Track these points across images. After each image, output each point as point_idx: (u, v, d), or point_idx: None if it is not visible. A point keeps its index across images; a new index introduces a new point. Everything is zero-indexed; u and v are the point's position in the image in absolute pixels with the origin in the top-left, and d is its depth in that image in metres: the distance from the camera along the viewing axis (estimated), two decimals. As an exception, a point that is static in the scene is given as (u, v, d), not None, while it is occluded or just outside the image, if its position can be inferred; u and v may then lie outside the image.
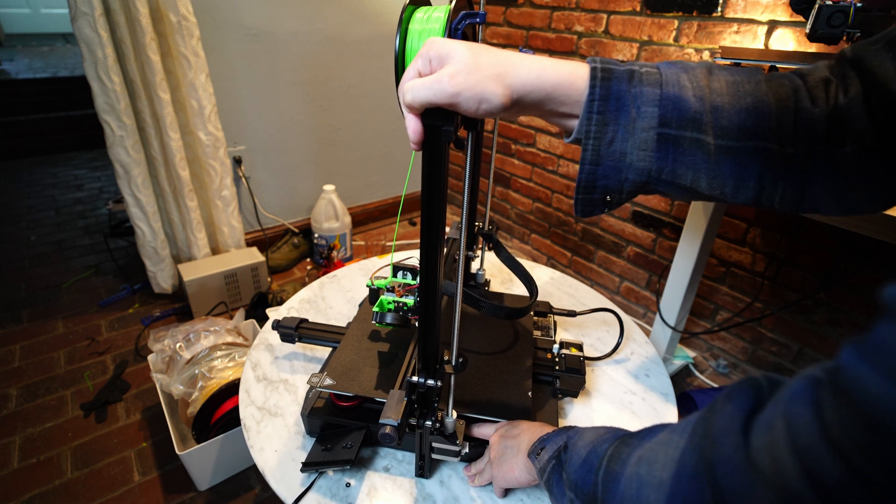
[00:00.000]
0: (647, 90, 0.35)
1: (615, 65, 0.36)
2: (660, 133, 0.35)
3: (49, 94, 3.11)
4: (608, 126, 0.36)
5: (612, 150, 0.36)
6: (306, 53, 1.82)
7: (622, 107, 0.35)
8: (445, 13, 0.46)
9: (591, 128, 0.36)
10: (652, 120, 0.35)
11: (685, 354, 1.51)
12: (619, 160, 0.36)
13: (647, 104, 0.35)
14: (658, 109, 0.35)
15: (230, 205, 1.72)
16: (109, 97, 1.37)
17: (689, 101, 0.35)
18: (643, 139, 0.35)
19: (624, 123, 0.35)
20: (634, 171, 0.36)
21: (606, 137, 0.36)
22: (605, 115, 0.36)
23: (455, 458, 0.55)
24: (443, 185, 0.42)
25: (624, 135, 0.36)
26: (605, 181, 0.37)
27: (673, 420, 0.67)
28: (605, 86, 0.35)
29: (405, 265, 0.65)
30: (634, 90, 0.35)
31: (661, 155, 0.35)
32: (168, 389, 1.11)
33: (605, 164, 0.36)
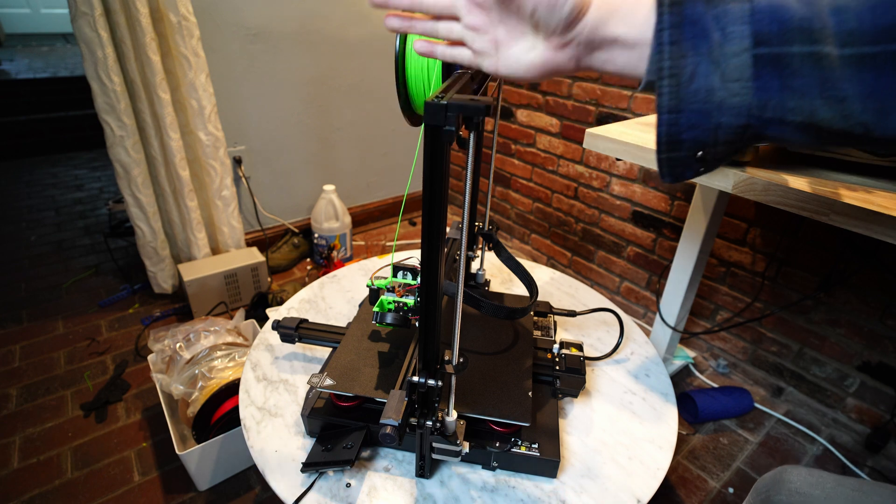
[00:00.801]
0: (732, 6, 0.29)
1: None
2: (756, 55, 0.28)
3: (49, 94, 3.11)
4: (686, 58, 0.29)
5: (695, 88, 0.29)
6: (306, 53, 1.82)
7: (701, 32, 0.29)
8: (446, 13, 0.46)
9: (664, 63, 0.30)
10: (743, 40, 0.28)
11: (685, 354, 1.51)
12: (705, 100, 0.29)
13: (735, 23, 0.28)
14: (750, 26, 0.28)
15: (230, 205, 1.72)
16: (109, 97, 1.37)
17: (790, 7, 0.27)
18: (734, 66, 0.29)
19: (706, 52, 0.29)
20: (729, 112, 0.29)
21: (685, 73, 0.29)
22: (679, 44, 0.29)
23: (455, 458, 0.55)
24: (444, 185, 0.42)
25: (708, 67, 0.29)
26: (693, 131, 0.30)
27: (673, 421, 0.67)
28: (677, 10, 0.29)
29: (405, 265, 0.65)
30: (716, 10, 0.29)
31: (762, 84, 0.28)
32: (168, 389, 1.11)
33: (688, 109, 0.30)
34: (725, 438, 1.28)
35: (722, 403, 1.33)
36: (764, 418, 1.35)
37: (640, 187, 1.59)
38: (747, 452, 1.25)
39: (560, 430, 0.61)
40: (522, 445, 0.57)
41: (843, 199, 0.60)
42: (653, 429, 0.66)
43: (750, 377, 1.48)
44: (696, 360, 1.54)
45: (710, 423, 1.33)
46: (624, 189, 1.64)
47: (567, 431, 0.65)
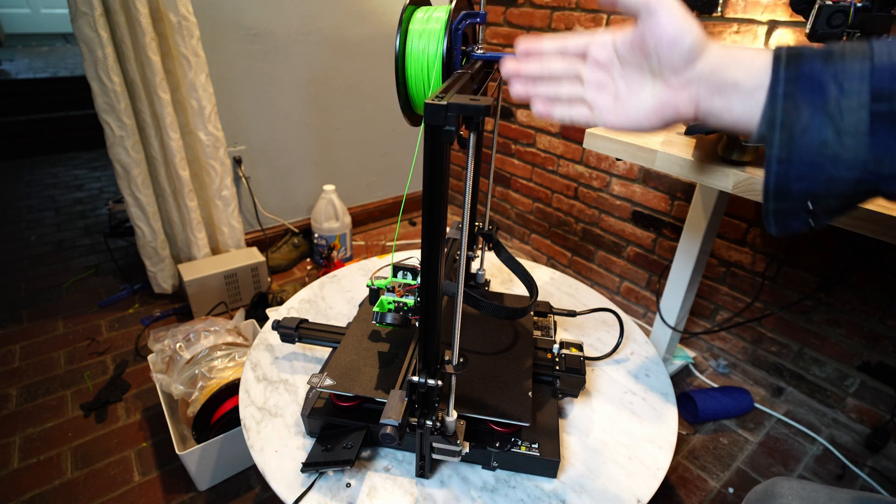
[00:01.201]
0: (851, 65, 0.29)
1: (804, 48, 0.31)
2: (874, 111, 0.28)
3: (49, 94, 3.11)
4: (800, 111, 0.30)
5: (808, 140, 0.30)
6: (306, 53, 1.82)
7: (817, 87, 0.29)
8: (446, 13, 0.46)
9: (777, 114, 0.30)
10: (861, 96, 0.28)
11: (685, 354, 1.51)
12: (818, 153, 0.30)
13: (853, 80, 0.29)
14: (868, 84, 0.28)
15: (230, 205, 1.72)
16: (109, 97, 1.37)
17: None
18: (850, 121, 0.29)
19: (821, 106, 0.29)
20: (842, 166, 0.29)
21: (799, 124, 0.30)
22: (794, 97, 0.30)
23: (455, 458, 0.55)
24: (444, 185, 0.42)
25: (823, 120, 0.29)
26: (803, 182, 0.31)
27: (673, 421, 0.67)
28: (794, 66, 0.30)
29: (405, 265, 0.65)
30: (834, 67, 0.29)
31: (878, 140, 0.28)
32: (168, 389, 1.11)
33: (799, 161, 0.30)
34: (725, 438, 1.28)
35: (722, 403, 1.33)
36: (764, 418, 1.35)
37: (640, 187, 1.59)
38: (747, 452, 1.25)
39: (560, 430, 0.61)
40: (522, 445, 0.57)
41: (843, 199, 0.60)
42: (653, 429, 0.66)
43: (750, 377, 1.48)
44: (696, 360, 1.54)
45: (710, 423, 1.33)
46: (624, 189, 1.64)
47: (567, 431, 0.65)
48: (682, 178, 1.34)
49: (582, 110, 0.41)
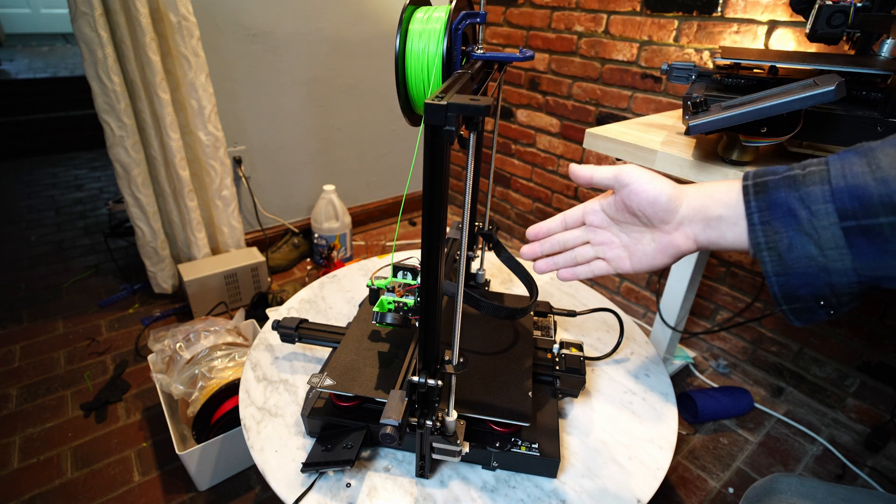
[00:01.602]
0: (812, 189, 0.32)
1: (771, 174, 0.35)
2: (844, 228, 0.31)
3: (49, 94, 3.11)
4: (780, 234, 0.34)
5: (795, 256, 0.33)
6: (306, 53, 1.82)
7: (788, 212, 0.33)
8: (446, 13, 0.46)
9: (760, 239, 0.34)
10: (830, 217, 0.32)
11: (685, 354, 1.51)
12: (808, 266, 0.33)
13: (818, 202, 0.32)
14: (832, 205, 0.32)
15: (230, 205, 1.72)
16: (109, 97, 1.37)
17: (867, 186, 0.31)
18: (828, 238, 0.32)
19: (797, 227, 0.33)
20: (836, 274, 0.32)
21: (782, 245, 0.34)
22: (770, 224, 0.34)
23: (455, 458, 0.55)
24: (444, 185, 0.41)
25: (803, 239, 0.33)
26: (807, 288, 0.34)
27: (673, 421, 0.67)
28: (762, 196, 0.34)
29: (405, 265, 0.65)
30: (798, 192, 0.33)
31: (858, 251, 0.31)
32: (168, 389, 1.11)
33: (795, 273, 0.34)
34: (725, 438, 1.28)
35: (722, 403, 1.33)
36: (764, 418, 1.35)
37: (640, 187, 1.59)
38: (747, 452, 1.25)
39: (560, 430, 0.61)
40: (522, 445, 0.57)
41: (843, 199, 0.60)
42: (653, 429, 0.66)
43: (750, 377, 1.48)
44: (696, 360, 1.54)
45: (710, 423, 1.33)
46: (624, 189, 1.64)
47: (567, 431, 0.65)
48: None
49: (600, 265, 0.47)
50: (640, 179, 0.41)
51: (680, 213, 0.40)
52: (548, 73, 1.77)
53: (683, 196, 0.40)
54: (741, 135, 0.69)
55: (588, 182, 0.45)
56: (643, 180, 0.41)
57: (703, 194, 0.39)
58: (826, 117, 0.65)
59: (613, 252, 0.46)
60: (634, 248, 0.45)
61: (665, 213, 0.41)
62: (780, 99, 0.59)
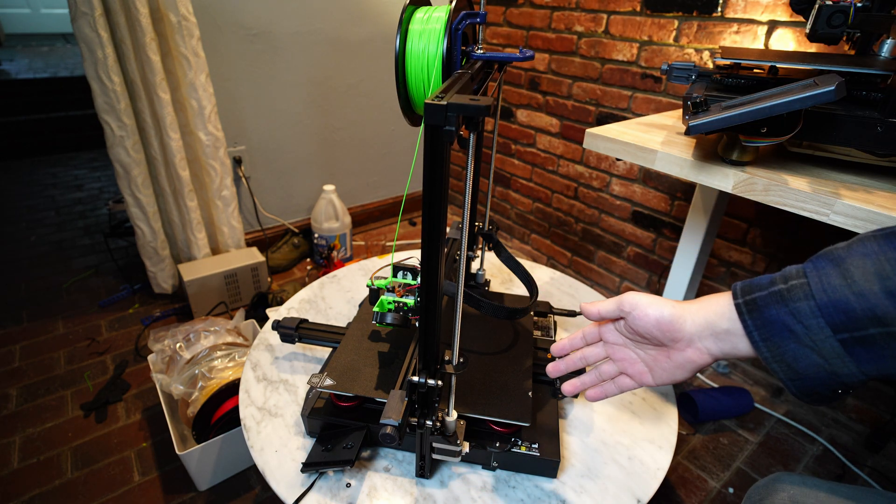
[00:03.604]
0: (800, 306, 0.34)
1: (757, 290, 0.36)
2: (840, 339, 0.33)
3: (49, 94, 3.11)
4: (783, 347, 0.35)
5: (804, 365, 0.35)
6: (306, 53, 1.82)
7: (784, 328, 0.35)
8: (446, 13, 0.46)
9: (766, 353, 0.36)
10: (823, 330, 0.33)
11: (685, 354, 1.51)
12: (818, 372, 0.35)
13: (810, 318, 0.34)
14: (823, 320, 0.33)
15: (230, 205, 1.72)
16: (109, 97, 1.37)
17: (847, 300, 0.32)
18: (828, 349, 0.34)
19: (797, 341, 0.34)
20: (845, 376, 0.34)
21: (787, 357, 0.35)
22: (770, 339, 0.35)
23: (455, 458, 0.55)
24: (444, 185, 0.42)
25: (805, 350, 0.34)
26: (823, 388, 0.35)
27: (673, 421, 0.67)
28: (756, 316, 0.36)
29: (405, 265, 0.65)
30: (788, 308, 0.34)
31: (858, 358, 0.33)
32: (168, 389, 1.11)
33: (806, 378, 0.35)
34: (725, 438, 1.28)
35: (722, 403, 1.33)
36: (764, 418, 1.35)
37: (640, 187, 1.59)
38: (747, 452, 1.25)
39: (560, 430, 0.61)
40: (522, 445, 0.57)
41: (843, 199, 0.60)
42: (653, 429, 0.66)
43: (750, 377, 1.48)
44: (696, 360, 1.54)
45: (710, 423, 1.33)
46: (624, 189, 1.64)
47: (567, 431, 0.65)
48: (682, 178, 1.34)
49: (626, 381, 0.49)
50: (639, 304, 0.44)
51: (686, 332, 0.42)
52: (548, 73, 1.77)
53: (686, 314, 0.42)
54: (741, 135, 0.69)
55: (598, 317, 0.48)
56: (643, 305, 0.43)
57: (706, 310, 0.41)
58: (826, 117, 0.65)
59: (635, 368, 0.48)
60: (654, 365, 0.46)
61: (672, 333, 0.42)
62: (780, 99, 0.59)
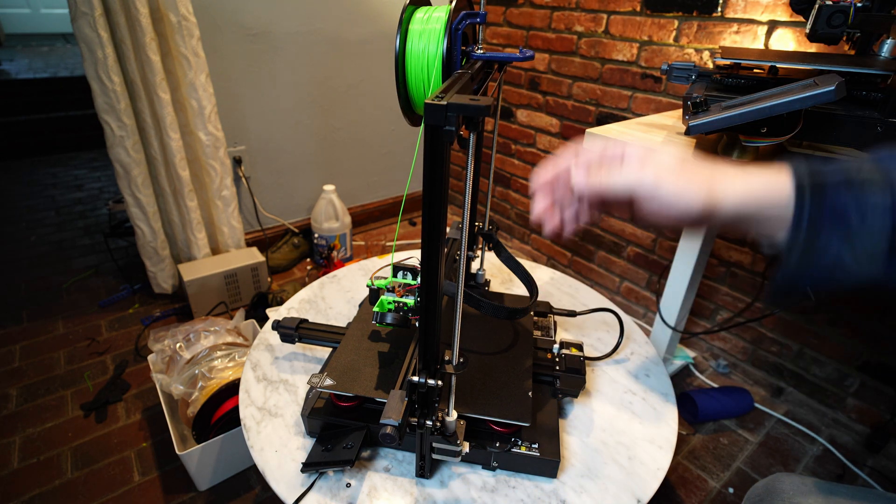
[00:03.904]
0: (872, 198, 0.31)
1: (824, 175, 0.33)
2: (893, 244, 0.31)
3: (49, 94, 3.11)
4: (820, 237, 0.32)
5: (824, 261, 0.33)
6: (306, 53, 1.82)
7: (840, 217, 0.32)
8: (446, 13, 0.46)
9: (801, 236, 0.33)
10: (882, 233, 0.31)
11: (685, 354, 1.51)
12: (833, 267, 0.33)
13: (876, 212, 0.31)
14: (891, 219, 0.31)
15: (230, 205, 1.72)
16: (109, 97, 1.37)
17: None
18: (868, 248, 0.31)
19: (841, 233, 0.32)
20: (851, 279, 0.33)
21: (817, 249, 0.32)
22: (816, 225, 0.32)
23: (455, 458, 0.55)
24: (444, 185, 0.41)
25: (841, 245, 0.32)
26: (813, 284, 0.34)
27: (673, 421, 0.67)
28: (818, 200, 0.32)
29: (405, 265, 0.65)
30: (855, 197, 0.31)
31: (894, 265, 0.31)
32: (168, 389, 1.11)
33: (810, 276, 0.33)
34: (725, 438, 1.28)
35: (722, 403, 1.33)
36: (764, 418, 1.35)
37: (640, 187, 1.59)
38: (747, 452, 1.25)
39: (560, 430, 0.61)
40: (522, 445, 0.57)
41: (843, 199, 0.60)
42: (653, 429, 0.66)
43: (750, 377, 1.48)
44: (696, 360, 1.54)
45: (710, 423, 1.33)
46: (624, 189, 1.64)
47: (567, 431, 0.65)
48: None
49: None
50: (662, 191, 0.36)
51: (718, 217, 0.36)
52: (548, 73, 1.77)
53: (700, 225, 0.37)
54: (741, 135, 0.69)
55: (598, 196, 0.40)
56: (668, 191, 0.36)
57: (754, 183, 0.35)
58: (826, 117, 0.65)
59: None
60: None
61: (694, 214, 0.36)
62: (780, 99, 0.59)
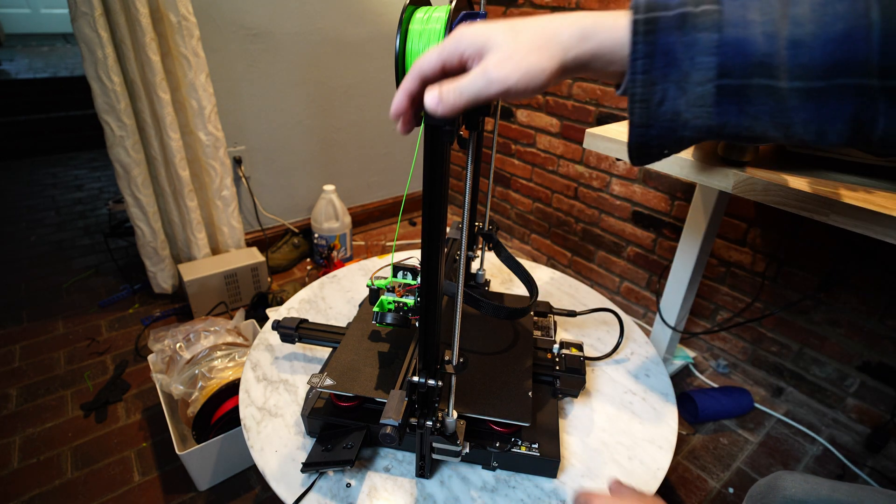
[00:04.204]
0: (702, 36, 0.30)
1: (663, 10, 0.31)
2: (719, 86, 0.31)
3: (49, 94, 3.11)
4: (656, 85, 0.32)
5: (663, 110, 0.32)
6: (306, 53, 1.82)
7: (672, 61, 0.31)
8: (446, 13, 0.46)
9: (637, 90, 0.32)
10: (709, 72, 0.31)
11: (685, 354, 1.51)
12: (672, 120, 0.32)
13: (703, 53, 0.30)
14: (716, 58, 0.30)
15: (230, 205, 1.72)
16: (109, 97, 1.37)
17: (755, 41, 0.29)
18: (699, 95, 0.31)
19: (675, 80, 0.31)
20: (691, 129, 0.33)
21: (655, 98, 0.32)
22: (650, 73, 0.32)
23: (456, 458, 0.55)
24: (444, 185, 0.41)
25: (676, 93, 0.32)
26: (660, 140, 0.34)
27: (673, 421, 0.67)
28: (650, 40, 0.31)
29: (405, 265, 0.65)
30: (686, 38, 0.31)
31: (723, 109, 0.31)
32: (168, 389, 1.11)
33: (656, 126, 0.33)
34: (725, 438, 1.28)
35: (722, 403, 1.33)
36: (764, 418, 1.35)
37: (640, 187, 1.59)
38: (747, 452, 1.25)
39: (560, 430, 0.61)
40: (522, 445, 0.57)
41: (843, 199, 0.60)
42: (653, 429, 0.66)
43: (750, 377, 1.48)
44: (696, 360, 1.54)
45: (710, 423, 1.33)
46: (624, 189, 1.64)
47: (567, 431, 0.65)
48: (682, 178, 1.35)
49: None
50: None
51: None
52: (548, 73, 1.77)
53: (563, 79, 0.35)
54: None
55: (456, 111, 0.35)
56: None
57: (592, 17, 0.34)
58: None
59: None
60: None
61: None
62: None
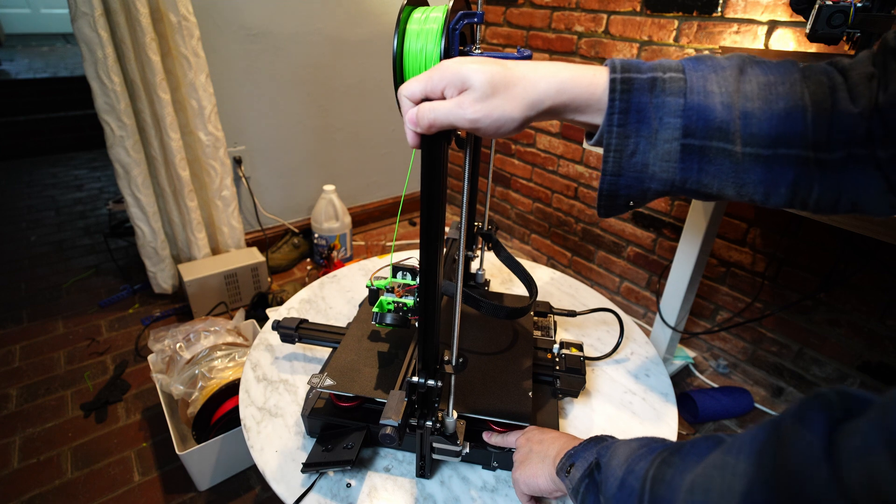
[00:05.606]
0: (670, 100, 0.35)
1: (636, 72, 0.36)
2: (684, 144, 0.35)
3: (49, 94, 3.11)
4: (629, 139, 0.36)
5: (634, 161, 0.36)
6: (306, 53, 1.82)
7: (644, 119, 0.35)
8: (443, 13, 0.46)
9: (612, 140, 0.36)
10: (675, 131, 0.35)
11: (685, 354, 1.51)
12: (641, 171, 0.36)
13: (671, 115, 0.35)
14: (682, 120, 0.34)
15: (230, 205, 1.72)
16: (109, 97, 1.37)
17: (715, 109, 0.34)
18: (666, 150, 0.35)
19: (646, 135, 0.35)
20: (657, 182, 0.36)
21: (628, 150, 0.36)
22: (625, 127, 0.35)
23: (456, 458, 0.55)
24: (442, 185, 0.41)
25: (646, 147, 0.35)
26: (628, 190, 0.37)
27: (673, 421, 0.67)
28: (626, 98, 0.35)
29: (405, 265, 0.65)
30: (657, 100, 0.35)
31: (686, 165, 0.35)
32: (168, 389, 1.11)
33: (627, 175, 0.36)
34: (725, 438, 1.28)
35: (722, 403, 1.33)
36: (764, 418, 1.35)
37: (640, 187, 1.59)
38: (747, 452, 1.25)
39: (560, 430, 0.61)
40: (522, 445, 0.57)
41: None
42: (653, 429, 0.66)
43: (750, 377, 1.48)
44: (696, 360, 1.54)
45: (711, 424, 1.33)
46: (624, 189, 1.64)
47: (567, 431, 0.64)
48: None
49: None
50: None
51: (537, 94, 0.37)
52: (548, 72, 1.77)
53: (536, 121, 0.38)
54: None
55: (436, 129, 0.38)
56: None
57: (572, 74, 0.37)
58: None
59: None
60: None
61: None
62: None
